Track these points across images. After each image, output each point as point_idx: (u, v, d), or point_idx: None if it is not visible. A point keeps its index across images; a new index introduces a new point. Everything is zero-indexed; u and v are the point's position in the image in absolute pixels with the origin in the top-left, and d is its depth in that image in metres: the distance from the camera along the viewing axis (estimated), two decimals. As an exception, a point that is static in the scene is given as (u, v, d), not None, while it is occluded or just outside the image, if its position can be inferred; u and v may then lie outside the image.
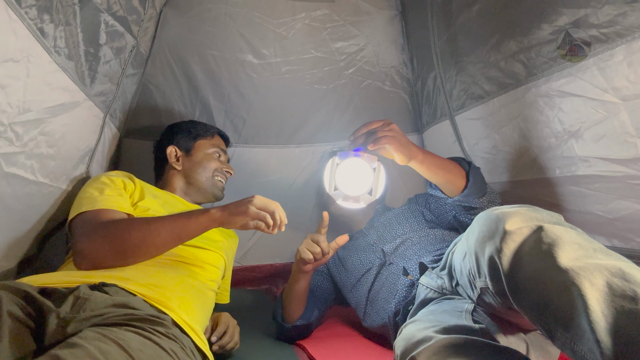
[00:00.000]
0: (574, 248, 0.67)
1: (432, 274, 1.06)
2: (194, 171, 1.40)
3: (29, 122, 0.89)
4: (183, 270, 1.04)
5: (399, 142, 1.06)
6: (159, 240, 0.96)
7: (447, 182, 1.14)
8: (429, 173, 1.13)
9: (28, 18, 0.80)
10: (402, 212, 1.40)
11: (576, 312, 0.61)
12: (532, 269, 0.69)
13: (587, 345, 0.59)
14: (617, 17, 0.88)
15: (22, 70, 0.82)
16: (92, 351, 0.57)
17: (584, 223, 1.10)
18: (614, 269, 0.62)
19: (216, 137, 1.51)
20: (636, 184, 0.96)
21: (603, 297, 0.60)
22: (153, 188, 1.28)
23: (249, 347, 1.23)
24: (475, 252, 0.80)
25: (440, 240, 1.23)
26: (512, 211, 0.77)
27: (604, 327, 0.57)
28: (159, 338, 0.70)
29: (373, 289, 1.24)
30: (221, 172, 1.43)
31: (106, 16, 1.12)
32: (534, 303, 0.68)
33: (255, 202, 0.96)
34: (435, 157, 1.14)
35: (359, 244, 1.39)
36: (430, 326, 0.81)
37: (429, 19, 1.55)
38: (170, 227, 0.96)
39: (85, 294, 0.74)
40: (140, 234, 0.94)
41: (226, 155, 1.51)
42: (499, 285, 0.75)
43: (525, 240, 0.72)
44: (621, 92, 0.92)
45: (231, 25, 1.67)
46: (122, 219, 0.99)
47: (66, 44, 0.96)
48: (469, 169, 1.15)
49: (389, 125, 1.08)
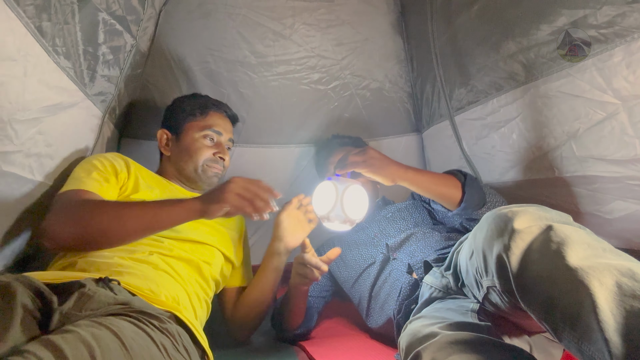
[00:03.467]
0: (584, 247, 0.67)
1: (437, 273, 1.05)
2: (181, 159, 1.25)
3: (27, 120, 0.89)
4: (182, 267, 1.02)
5: (372, 166, 1.08)
6: (126, 228, 0.89)
7: (442, 197, 1.14)
8: (421, 191, 1.13)
9: (26, 17, 0.80)
10: (406, 206, 1.38)
11: (584, 311, 0.60)
12: (541, 268, 0.68)
13: (595, 345, 0.59)
14: (616, 17, 0.88)
15: (20, 69, 0.82)
16: (84, 335, 0.58)
17: (583, 223, 1.08)
18: (623, 268, 0.61)
19: (212, 115, 1.31)
20: (635, 185, 0.96)
21: (612, 296, 0.59)
22: (150, 176, 1.19)
23: (248, 347, 1.23)
24: (483, 250, 0.80)
25: (446, 239, 1.22)
26: (522, 210, 0.76)
27: (613, 326, 0.57)
28: (152, 330, 0.70)
29: (377, 284, 1.23)
30: (214, 160, 1.26)
31: (105, 15, 1.12)
32: (541, 302, 0.68)
33: (233, 187, 0.89)
34: (425, 175, 1.15)
35: (358, 238, 1.37)
36: (436, 322, 0.81)
37: (429, 19, 1.55)
38: (139, 215, 0.90)
39: (90, 290, 0.74)
40: (107, 218, 0.89)
41: (226, 136, 1.31)
42: (506, 283, 0.75)
43: (535, 239, 0.71)
44: (620, 92, 0.92)
45: (231, 25, 1.67)
46: (92, 201, 0.93)
47: (64, 43, 0.96)
48: (465, 181, 1.14)
49: (363, 152, 1.10)
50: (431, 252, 1.16)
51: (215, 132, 1.28)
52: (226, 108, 1.38)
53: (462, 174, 1.17)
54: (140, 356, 0.63)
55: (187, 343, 0.80)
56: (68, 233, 0.88)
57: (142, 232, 0.92)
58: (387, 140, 1.88)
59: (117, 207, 0.92)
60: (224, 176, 1.31)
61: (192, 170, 1.24)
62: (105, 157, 1.10)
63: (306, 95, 1.78)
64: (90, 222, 0.89)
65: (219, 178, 1.28)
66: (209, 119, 1.30)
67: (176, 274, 1.00)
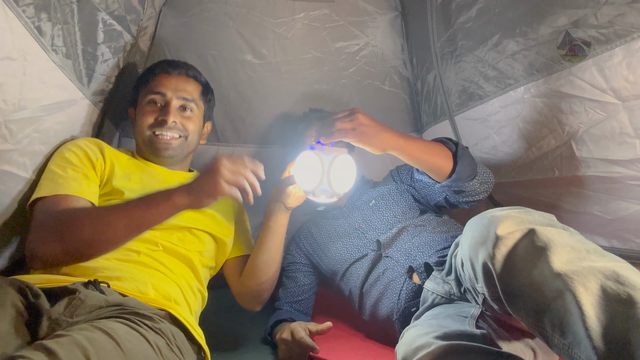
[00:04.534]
0: (567, 251, 0.67)
1: (438, 278, 1.02)
2: (135, 132, 1.16)
3: (23, 119, 0.89)
4: (171, 261, 1.00)
5: (363, 134, 0.98)
6: (115, 235, 0.85)
7: (433, 167, 1.08)
8: (411, 160, 1.06)
9: (25, 16, 0.80)
10: (388, 192, 1.31)
11: (572, 318, 0.61)
12: (526, 275, 0.68)
13: (585, 352, 0.59)
14: (616, 17, 0.88)
15: (19, 68, 0.82)
16: (77, 339, 0.58)
17: (582, 224, 1.09)
18: (607, 271, 0.61)
19: (159, 77, 1.17)
20: (635, 185, 0.95)
21: (598, 301, 0.59)
22: (126, 161, 1.11)
23: (247, 347, 1.23)
24: (470, 258, 0.80)
25: (440, 232, 1.17)
26: (503, 215, 0.76)
27: (599, 332, 0.57)
28: (146, 331, 0.70)
29: (368, 281, 1.19)
30: (158, 124, 1.11)
31: (104, 15, 1.11)
32: (529, 309, 0.68)
33: (224, 173, 0.83)
34: (417, 142, 1.07)
35: (340, 227, 1.32)
36: (430, 331, 0.81)
37: (429, 19, 1.55)
38: (125, 220, 0.85)
39: (82, 294, 0.73)
40: (92, 229, 0.84)
41: (173, 94, 1.13)
42: (494, 291, 0.75)
43: (517, 245, 0.71)
44: (620, 93, 0.91)
45: (231, 25, 1.67)
46: (74, 211, 0.88)
47: (64, 43, 0.96)
48: (456, 151, 1.08)
49: (351, 116, 1.00)
50: (429, 251, 1.13)
51: (157, 93, 1.14)
52: (175, 65, 1.21)
53: (452, 143, 1.11)
54: (135, 356, 0.63)
55: (181, 342, 0.80)
56: (54, 251, 0.84)
57: (131, 235, 0.88)
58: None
59: (101, 215, 0.87)
60: (186, 144, 1.18)
61: (142, 143, 1.14)
62: (78, 146, 1.02)
63: (306, 95, 1.78)
64: (76, 236, 0.83)
65: (174, 149, 1.15)
66: (157, 81, 1.17)
67: (166, 269, 0.97)
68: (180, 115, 1.16)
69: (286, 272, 1.37)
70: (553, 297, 0.64)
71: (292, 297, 1.32)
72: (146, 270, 0.93)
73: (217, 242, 1.15)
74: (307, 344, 1.04)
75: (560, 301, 0.62)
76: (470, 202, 1.14)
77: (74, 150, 1.00)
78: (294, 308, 1.31)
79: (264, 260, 1.17)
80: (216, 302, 1.23)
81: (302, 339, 1.05)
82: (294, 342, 1.06)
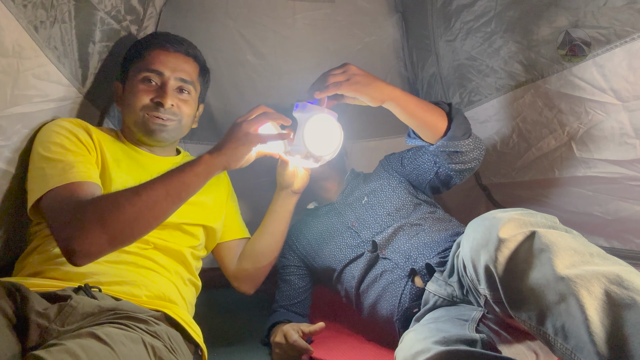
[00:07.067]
0: (570, 254, 0.66)
1: (440, 280, 1.01)
2: (124, 112, 1.07)
3: (14, 115, 0.88)
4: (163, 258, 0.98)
5: (357, 84, 0.94)
6: (157, 208, 0.81)
7: (427, 124, 1.04)
8: (406, 115, 1.03)
9: (22, 15, 0.80)
10: (380, 187, 1.28)
11: (575, 322, 0.60)
12: (528, 278, 0.68)
13: (588, 357, 0.58)
14: (616, 18, 0.88)
15: (14, 65, 0.82)
16: (70, 347, 0.57)
17: (583, 224, 1.09)
18: (611, 275, 0.61)
19: (155, 53, 1.07)
20: (635, 185, 0.95)
21: (602, 306, 0.59)
22: (113, 146, 1.02)
23: (246, 348, 1.23)
24: (472, 260, 0.79)
25: (438, 231, 1.14)
26: (506, 217, 0.75)
27: (603, 337, 0.57)
28: (141, 335, 0.70)
29: (364, 282, 1.17)
30: (153, 107, 1.03)
31: (102, 14, 1.11)
32: (532, 313, 0.67)
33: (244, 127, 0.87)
34: (413, 97, 1.05)
35: (332, 225, 1.29)
36: (429, 336, 0.80)
37: (429, 19, 1.55)
38: (163, 190, 0.81)
39: (74, 301, 0.71)
40: (132, 207, 0.79)
41: (171, 75, 1.05)
42: (496, 294, 0.74)
43: (519, 247, 0.70)
44: (620, 93, 0.91)
45: (231, 25, 1.67)
46: (103, 196, 0.83)
47: (62, 42, 0.96)
48: (450, 110, 1.06)
49: (343, 67, 0.95)
50: (429, 252, 1.10)
51: (153, 71, 1.04)
52: (174, 41, 1.11)
53: (445, 104, 1.09)
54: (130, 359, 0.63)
55: (177, 343, 0.79)
56: (99, 240, 0.77)
57: (173, 206, 0.83)
58: (387, 140, 1.87)
59: (138, 191, 0.81)
60: (179, 128, 1.11)
61: (132, 124, 1.05)
62: (65, 128, 0.94)
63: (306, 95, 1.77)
64: (118, 218, 0.78)
65: (168, 131, 1.07)
66: (150, 58, 1.06)
67: (159, 267, 0.96)
68: (177, 98, 1.08)
69: (281, 275, 1.37)
70: (556, 301, 0.63)
71: (288, 300, 1.32)
72: (138, 271, 0.91)
73: (207, 231, 1.13)
74: (301, 346, 1.04)
75: (564, 305, 0.62)
76: (463, 172, 1.10)
77: (62, 134, 0.93)
78: (291, 310, 1.30)
79: (267, 245, 1.18)
80: (216, 302, 1.23)
81: (296, 342, 1.05)
82: (287, 345, 1.06)
